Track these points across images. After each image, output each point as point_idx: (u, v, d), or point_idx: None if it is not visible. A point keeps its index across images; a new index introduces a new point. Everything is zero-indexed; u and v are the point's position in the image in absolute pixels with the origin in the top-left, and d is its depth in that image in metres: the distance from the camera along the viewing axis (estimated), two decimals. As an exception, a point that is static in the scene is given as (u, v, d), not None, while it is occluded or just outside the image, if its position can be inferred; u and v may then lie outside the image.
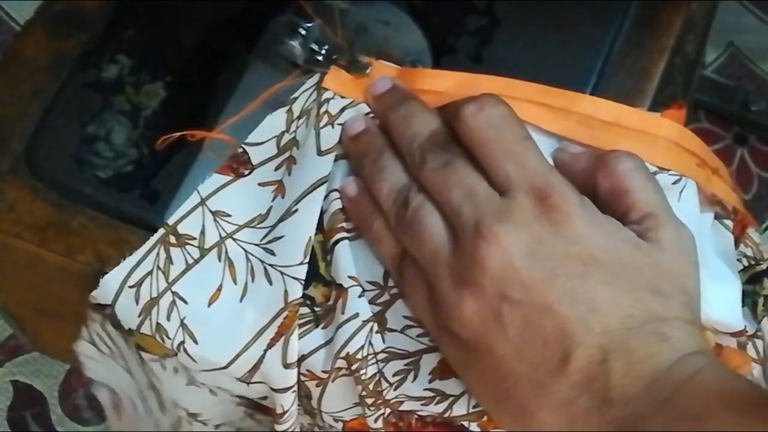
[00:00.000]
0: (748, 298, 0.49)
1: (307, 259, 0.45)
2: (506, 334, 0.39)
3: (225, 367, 0.45)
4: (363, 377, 0.44)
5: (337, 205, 0.46)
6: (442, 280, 0.41)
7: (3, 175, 0.50)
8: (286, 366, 0.44)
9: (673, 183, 0.46)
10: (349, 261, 0.45)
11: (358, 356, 0.43)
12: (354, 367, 0.44)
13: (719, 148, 1.12)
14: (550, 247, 0.39)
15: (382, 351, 0.44)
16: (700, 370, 0.37)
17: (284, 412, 0.46)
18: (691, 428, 0.36)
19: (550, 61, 0.51)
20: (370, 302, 0.44)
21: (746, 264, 0.50)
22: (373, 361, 0.44)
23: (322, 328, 0.45)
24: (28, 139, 0.51)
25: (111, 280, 0.46)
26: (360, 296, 0.44)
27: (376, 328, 0.44)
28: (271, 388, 0.45)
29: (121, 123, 0.51)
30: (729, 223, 0.49)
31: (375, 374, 0.44)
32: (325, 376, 0.45)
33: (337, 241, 0.45)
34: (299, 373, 0.45)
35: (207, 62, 0.52)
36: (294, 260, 0.45)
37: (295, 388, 0.45)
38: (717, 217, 0.49)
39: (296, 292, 0.45)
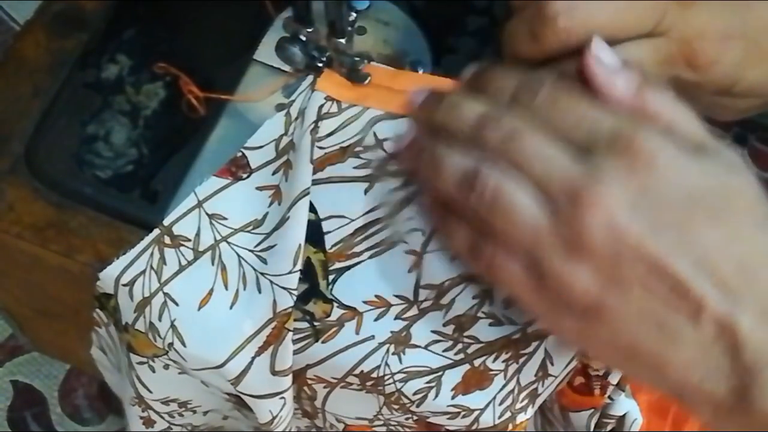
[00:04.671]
0: None
1: (296, 268, 0.45)
2: (627, 296, 0.39)
3: (214, 369, 0.45)
4: (381, 392, 0.44)
5: (349, 230, 0.46)
6: (548, 255, 0.40)
7: (3, 175, 0.50)
8: (275, 373, 0.45)
9: None
10: (367, 285, 0.45)
11: (374, 375, 0.44)
12: (369, 384, 0.44)
13: (719, 148, 1.12)
14: (649, 197, 0.38)
15: (399, 371, 0.44)
16: None
17: (273, 418, 0.46)
18: None
19: (549, 61, 0.51)
20: (396, 317, 0.44)
21: None
22: (390, 381, 0.44)
23: (323, 343, 0.45)
24: (28, 139, 0.51)
25: (105, 278, 0.46)
26: (376, 320, 0.44)
27: (392, 349, 0.44)
28: (256, 396, 0.45)
29: (121, 123, 0.51)
30: None
31: (394, 392, 0.44)
32: (335, 381, 0.45)
33: (349, 267, 0.45)
34: (306, 378, 0.45)
35: (206, 62, 0.52)
36: (284, 269, 0.45)
37: (284, 395, 0.45)
38: None
39: (285, 302, 0.44)
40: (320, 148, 0.47)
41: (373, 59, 0.50)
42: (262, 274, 0.45)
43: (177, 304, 0.45)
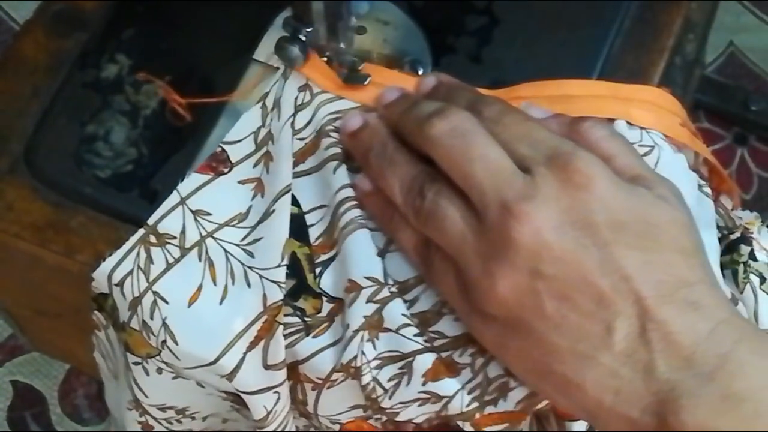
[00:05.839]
0: (727, 269, 0.49)
1: (284, 262, 0.45)
2: (544, 311, 0.39)
3: (207, 366, 0.45)
4: (360, 384, 0.44)
5: (330, 219, 0.46)
6: (471, 264, 0.41)
7: (2, 175, 0.50)
8: (267, 367, 0.45)
9: (644, 155, 0.46)
10: (343, 276, 0.45)
11: (352, 365, 0.44)
12: (349, 375, 0.44)
13: (719, 148, 1.12)
14: (577, 216, 0.39)
15: (375, 358, 0.44)
16: (738, 342, 0.38)
17: (268, 413, 0.46)
18: (734, 409, 0.37)
19: (549, 61, 0.51)
20: (368, 300, 0.44)
21: (719, 234, 0.50)
22: (367, 370, 0.44)
23: (313, 338, 0.45)
24: (28, 139, 0.50)
25: (98, 277, 0.46)
26: (349, 306, 0.44)
27: (366, 336, 0.44)
28: (249, 392, 0.45)
29: (121, 123, 0.51)
30: (708, 190, 0.49)
31: (370, 382, 0.44)
32: (320, 381, 0.45)
33: (333, 257, 0.46)
34: (299, 375, 0.45)
35: (206, 62, 0.52)
36: (272, 263, 0.45)
37: (278, 389, 0.45)
38: (699, 186, 0.49)
39: (275, 295, 0.45)
40: (300, 139, 0.48)
41: (373, 59, 0.50)
42: (250, 268, 0.45)
43: (167, 303, 0.45)
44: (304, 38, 0.49)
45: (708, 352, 0.38)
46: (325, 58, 0.50)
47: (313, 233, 0.46)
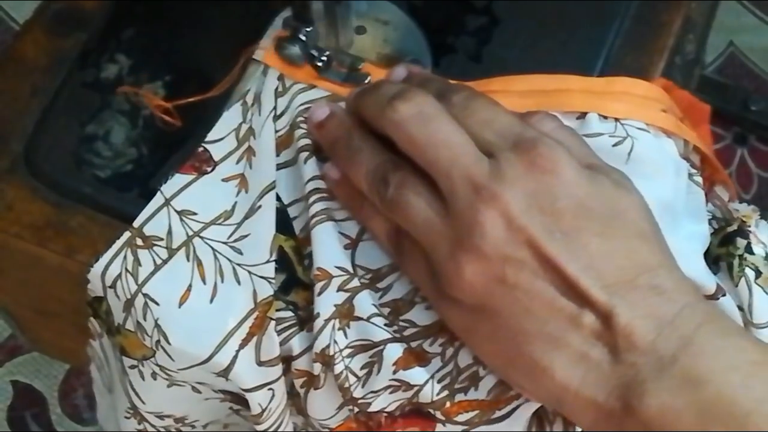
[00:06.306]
0: (723, 261, 0.49)
1: (273, 257, 0.45)
2: (513, 295, 0.39)
3: (201, 364, 0.45)
4: (332, 374, 0.44)
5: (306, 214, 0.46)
6: (438, 249, 0.41)
7: (2, 175, 0.50)
8: (261, 363, 0.45)
9: (614, 145, 0.46)
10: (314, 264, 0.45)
11: (325, 353, 0.44)
12: (320, 369, 0.44)
13: (719, 148, 1.12)
14: (543, 200, 0.39)
15: (346, 347, 0.44)
16: (701, 325, 0.38)
17: (263, 410, 0.46)
18: (696, 391, 0.37)
19: (549, 61, 0.51)
20: (339, 289, 0.44)
21: (716, 226, 0.50)
22: (340, 358, 0.44)
23: (308, 332, 0.45)
24: (27, 139, 0.50)
25: (93, 278, 0.47)
26: (320, 294, 0.44)
27: (337, 325, 0.44)
28: (245, 389, 0.45)
29: (120, 123, 0.51)
30: (699, 179, 0.49)
31: (343, 371, 0.44)
32: (311, 377, 0.45)
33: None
34: (293, 371, 0.45)
35: (206, 62, 0.52)
36: (261, 259, 0.45)
37: (272, 386, 0.45)
38: (689, 175, 0.49)
39: (265, 291, 0.45)
40: (275, 131, 0.48)
41: (373, 59, 0.50)
42: (239, 265, 0.45)
43: (158, 304, 0.45)
44: (304, 38, 0.49)
45: (671, 335, 0.38)
46: (325, 58, 0.50)
47: (297, 226, 0.46)
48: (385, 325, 0.44)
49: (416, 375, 0.44)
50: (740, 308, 0.47)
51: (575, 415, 0.40)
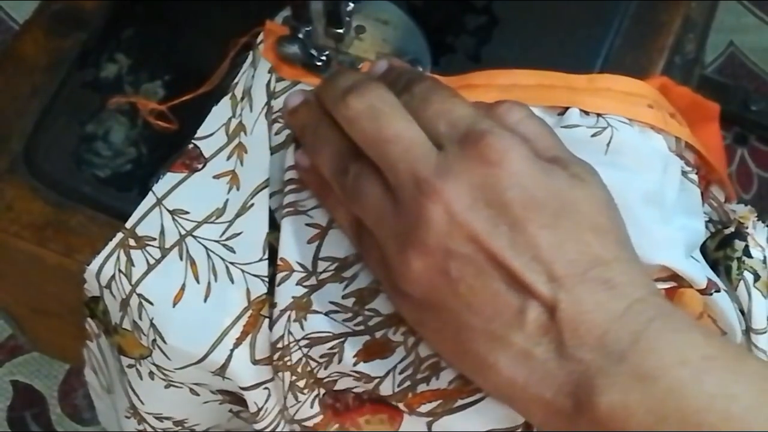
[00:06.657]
0: (721, 265, 0.48)
1: (266, 256, 0.45)
2: (456, 290, 0.39)
3: (197, 363, 0.45)
4: (288, 363, 0.44)
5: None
6: (388, 242, 0.41)
7: (1, 175, 0.50)
8: (256, 362, 0.45)
9: (593, 135, 0.46)
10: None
11: (279, 345, 0.44)
12: (276, 356, 0.44)
13: (719, 148, 1.11)
14: (489, 194, 0.39)
15: (303, 338, 0.44)
16: (652, 320, 0.37)
17: (259, 409, 0.46)
18: (646, 388, 0.36)
19: (549, 60, 0.51)
20: (298, 284, 0.44)
21: (713, 229, 0.50)
22: (296, 348, 0.44)
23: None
24: (27, 139, 0.51)
25: (89, 278, 0.47)
26: (279, 284, 0.44)
27: (293, 316, 0.44)
28: (241, 387, 0.45)
29: (120, 122, 0.51)
30: (694, 176, 0.48)
31: (302, 358, 0.44)
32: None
33: None
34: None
35: (206, 62, 0.52)
36: (254, 257, 0.45)
37: (268, 385, 0.45)
38: (682, 172, 0.48)
39: (259, 289, 0.45)
40: (269, 127, 0.48)
41: (372, 59, 0.50)
42: (232, 263, 0.45)
43: (152, 304, 0.45)
44: (303, 37, 0.49)
45: (621, 331, 0.37)
46: (325, 58, 0.50)
47: (279, 218, 0.46)
48: (345, 320, 0.44)
49: (377, 367, 0.44)
50: (741, 312, 0.47)
51: (526, 412, 0.40)
